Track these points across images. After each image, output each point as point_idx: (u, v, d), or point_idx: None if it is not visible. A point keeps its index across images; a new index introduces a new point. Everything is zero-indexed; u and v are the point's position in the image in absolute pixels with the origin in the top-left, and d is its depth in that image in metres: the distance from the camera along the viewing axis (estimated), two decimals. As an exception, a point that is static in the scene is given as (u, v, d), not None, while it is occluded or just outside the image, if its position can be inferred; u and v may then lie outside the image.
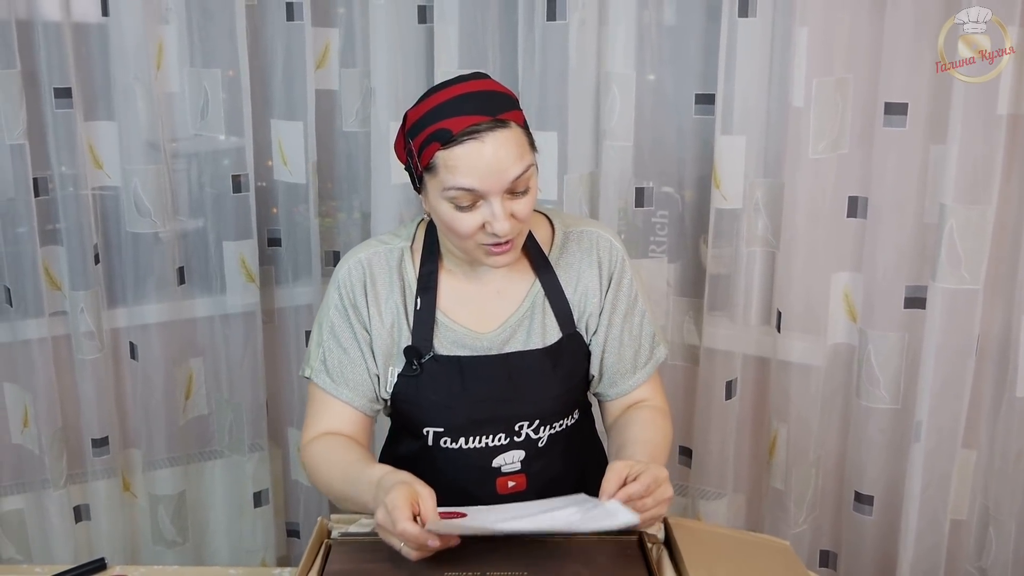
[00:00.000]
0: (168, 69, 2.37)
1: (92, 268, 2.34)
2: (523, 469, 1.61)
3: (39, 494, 2.44)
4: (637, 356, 1.64)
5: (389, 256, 1.58)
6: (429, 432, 1.59)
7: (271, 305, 2.61)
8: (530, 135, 1.46)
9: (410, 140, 1.44)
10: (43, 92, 2.24)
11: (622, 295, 1.62)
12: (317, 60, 2.45)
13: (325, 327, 1.59)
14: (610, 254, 1.62)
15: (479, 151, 1.37)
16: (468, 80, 1.43)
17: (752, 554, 1.46)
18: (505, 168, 1.39)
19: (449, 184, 1.39)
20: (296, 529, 2.76)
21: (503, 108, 1.40)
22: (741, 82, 2.20)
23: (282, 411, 2.69)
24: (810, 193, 2.15)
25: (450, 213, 1.42)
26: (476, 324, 1.58)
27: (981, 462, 2.17)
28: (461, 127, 1.37)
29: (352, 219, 2.60)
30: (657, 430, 1.60)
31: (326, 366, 1.58)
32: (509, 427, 1.59)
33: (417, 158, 1.43)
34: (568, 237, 1.62)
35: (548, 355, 1.58)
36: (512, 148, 1.39)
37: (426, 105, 1.42)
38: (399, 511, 1.26)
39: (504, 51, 2.37)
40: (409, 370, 1.56)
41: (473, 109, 1.38)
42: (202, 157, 2.47)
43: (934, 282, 2.03)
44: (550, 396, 1.59)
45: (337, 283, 1.58)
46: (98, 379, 2.42)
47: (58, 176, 2.29)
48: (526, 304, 1.59)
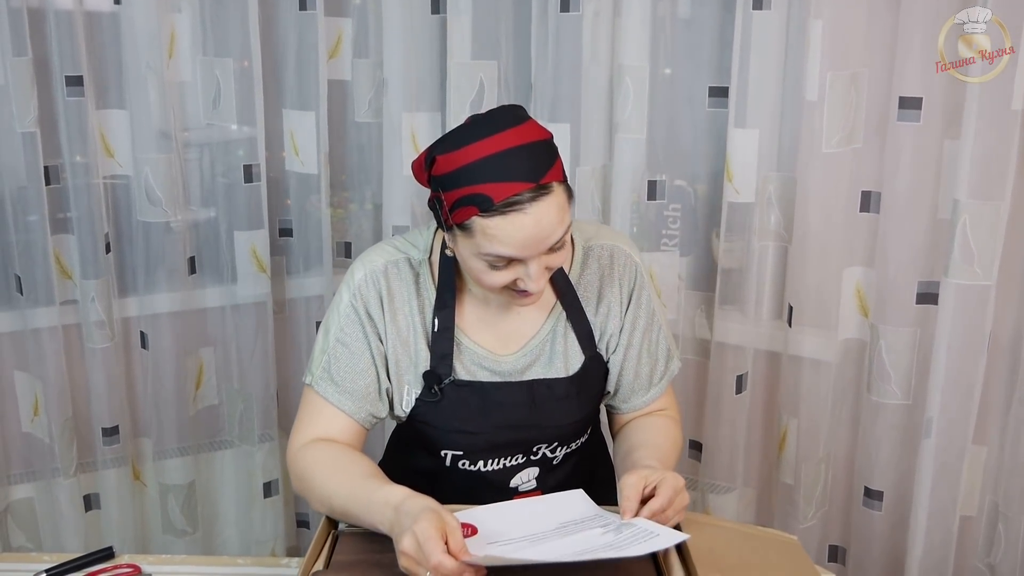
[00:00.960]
0: (180, 58, 2.36)
1: (103, 257, 2.34)
2: (538, 485, 1.60)
3: (49, 483, 2.44)
4: (653, 373, 1.62)
5: (408, 268, 1.51)
6: (447, 455, 1.56)
7: (282, 296, 2.61)
8: (569, 188, 1.38)
9: (440, 190, 1.35)
10: (55, 80, 2.23)
11: (641, 312, 1.58)
12: (330, 50, 2.44)
13: (333, 333, 1.51)
14: (630, 270, 1.57)
15: (521, 223, 1.30)
16: (507, 127, 1.32)
17: (760, 549, 1.46)
18: (547, 236, 1.33)
19: (486, 250, 1.33)
20: (306, 520, 2.77)
21: (545, 167, 1.32)
22: (755, 75, 2.19)
23: (292, 401, 2.67)
24: (823, 187, 2.15)
25: (482, 269, 1.37)
26: (497, 346, 1.54)
27: (991, 459, 2.17)
28: (503, 196, 1.29)
29: (364, 210, 2.60)
30: (667, 437, 1.58)
31: (330, 373, 1.50)
32: (528, 449, 1.57)
33: (448, 211, 1.35)
34: (588, 254, 1.57)
35: (572, 383, 1.55)
36: (554, 215, 1.32)
37: (461, 157, 1.31)
38: (433, 543, 1.18)
39: (517, 42, 2.36)
40: (429, 395, 1.51)
41: (516, 174, 1.29)
42: (214, 147, 2.46)
43: (947, 278, 2.02)
44: (572, 420, 1.57)
45: (351, 289, 1.50)
46: (108, 368, 2.42)
47: (69, 165, 2.29)
48: (547, 326, 1.55)
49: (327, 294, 2.53)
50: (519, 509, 1.46)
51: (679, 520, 1.38)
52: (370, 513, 1.33)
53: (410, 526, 1.22)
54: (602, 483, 1.66)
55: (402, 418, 1.57)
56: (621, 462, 1.56)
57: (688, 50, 2.30)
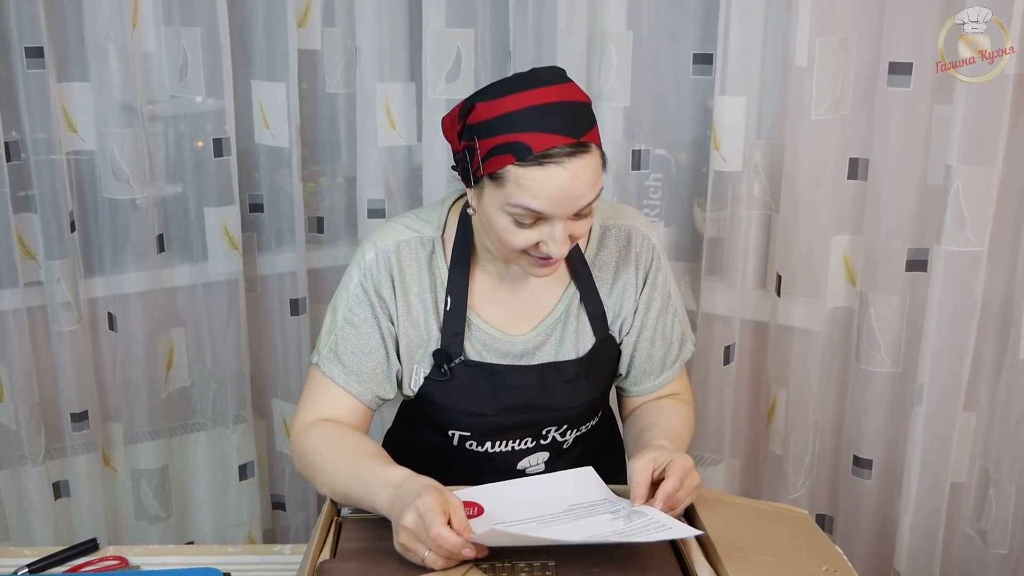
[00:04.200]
0: (144, 27, 2.27)
1: (68, 236, 2.25)
2: (547, 469, 1.58)
3: (17, 471, 2.36)
4: (667, 356, 1.59)
5: (419, 247, 1.49)
6: (455, 435, 1.54)
7: (254, 273, 2.54)
8: (604, 156, 1.37)
9: (475, 137, 1.33)
10: (13, 52, 2.13)
11: (657, 294, 1.56)
12: (299, 19, 2.35)
13: (341, 313, 1.50)
14: (647, 251, 1.55)
15: (557, 176, 1.29)
16: (549, 83, 1.32)
17: (774, 525, 1.44)
18: (580, 195, 1.32)
19: (516, 201, 1.31)
20: (282, 501, 2.71)
21: (586, 127, 1.32)
22: (740, 41, 2.14)
23: (266, 382, 2.62)
24: (811, 155, 2.12)
25: (506, 226, 1.35)
26: (509, 326, 1.51)
27: (981, 424, 2.17)
28: (542, 146, 1.28)
29: (336, 184, 2.53)
30: (679, 418, 1.57)
31: (337, 354, 1.49)
32: (537, 432, 1.55)
33: (481, 160, 1.33)
34: (606, 233, 1.55)
35: (582, 365, 1.53)
36: (590, 175, 1.32)
37: (502, 105, 1.30)
38: (435, 515, 1.19)
39: (494, 9, 2.29)
40: (438, 374, 1.49)
41: (557, 127, 1.28)
42: (180, 120, 2.37)
43: (939, 244, 2.01)
44: (582, 403, 1.55)
45: (362, 269, 1.48)
46: (76, 351, 2.33)
47: (31, 140, 2.18)
48: (561, 307, 1.53)
49: (299, 270, 2.47)
50: (527, 488, 1.43)
51: (692, 500, 1.35)
52: (370, 494, 1.32)
53: (412, 501, 1.22)
54: (611, 467, 1.64)
55: (410, 396, 1.55)
56: (633, 443, 1.54)
57: (671, 15, 2.25)
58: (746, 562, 1.27)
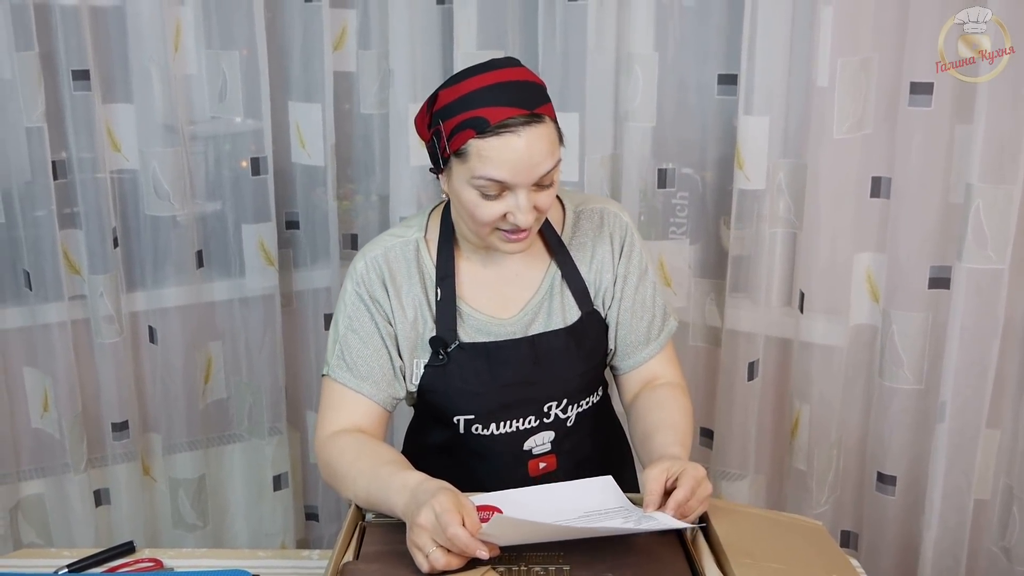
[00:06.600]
0: (185, 51, 2.36)
1: (111, 252, 2.34)
2: (553, 450, 1.62)
3: (59, 478, 2.44)
4: (650, 327, 1.65)
5: (405, 249, 1.57)
6: (460, 420, 1.59)
7: (289, 288, 2.61)
8: (559, 129, 1.46)
9: (440, 121, 1.43)
10: (61, 75, 2.22)
11: (633, 265, 1.63)
12: (335, 42, 2.43)
13: (342, 323, 1.57)
14: (620, 227, 1.63)
15: (514, 145, 1.38)
16: (503, 67, 1.42)
17: (787, 535, 1.46)
18: (537, 163, 1.40)
19: (479, 173, 1.40)
20: (315, 512, 2.76)
21: (538, 102, 1.41)
22: (764, 62, 2.19)
23: (301, 394, 2.68)
24: (833, 173, 2.15)
25: (474, 200, 1.43)
26: (498, 310, 1.58)
27: (1005, 442, 2.17)
28: (498, 118, 1.37)
29: (370, 202, 2.59)
30: (680, 410, 1.60)
31: (345, 361, 1.55)
32: (538, 409, 1.59)
33: (446, 141, 1.42)
34: (580, 216, 1.64)
35: (571, 334, 1.59)
36: (545, 144, 1.41)
37: (461, 88, 1.41)
38: (451, 515, 1.24)
39: (524, 32, 2.36)
40: (436, 360, 1.56)
41: (510, 100, 1.38)
42: (220, 139, 2.45)
43: (960, 262, 2.02)
44: (576, 374, 1.60)
45: (354, 279, 1.56)
46: (117, 363, 2.41)
47: (76, 159, 2.28)
48: (544, 286, 1.60)
49: (334, 286, 2.53)
50: (544, 495, 1.46)
51: (703, 510, 1.39)
52: (388, 496, 1.37)
53: (428, 500, 1.27)
54: (618, 457, 1.73)
55: (413, 394, 1.60)
56: (641, 445, 1.58)
57: (696, 37, 2.30)
58: (756, 568, 1.30)
